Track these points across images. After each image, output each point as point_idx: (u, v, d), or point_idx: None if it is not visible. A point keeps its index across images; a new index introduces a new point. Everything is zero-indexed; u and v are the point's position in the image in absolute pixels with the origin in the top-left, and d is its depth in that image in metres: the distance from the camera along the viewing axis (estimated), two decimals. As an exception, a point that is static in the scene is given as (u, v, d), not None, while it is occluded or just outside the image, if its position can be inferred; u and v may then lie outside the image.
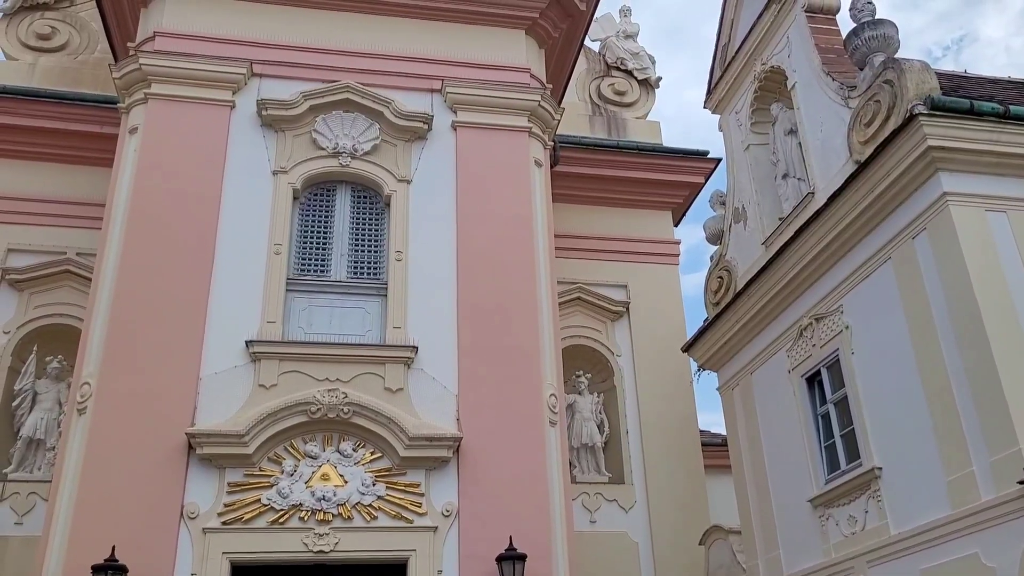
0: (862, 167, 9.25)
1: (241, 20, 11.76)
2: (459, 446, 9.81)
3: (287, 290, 10.43)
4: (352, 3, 12.14)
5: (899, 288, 9.06)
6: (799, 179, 11.15)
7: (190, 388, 9.59)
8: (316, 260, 10.85)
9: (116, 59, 12.58)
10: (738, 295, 11.72)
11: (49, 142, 13.12)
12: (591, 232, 14.66)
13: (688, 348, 13.14)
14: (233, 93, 11.28)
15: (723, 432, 13.57)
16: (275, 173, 11.00)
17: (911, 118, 8.56)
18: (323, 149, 11.22)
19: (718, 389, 12.75)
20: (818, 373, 10.40)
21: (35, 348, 11.87)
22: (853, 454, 9.67)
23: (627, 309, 14.29)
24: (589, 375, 13.54)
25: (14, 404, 11.65)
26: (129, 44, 11.77)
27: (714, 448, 14.87)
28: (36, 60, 14.17)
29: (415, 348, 10.23)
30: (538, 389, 10.38)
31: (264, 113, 11.18)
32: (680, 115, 43.98)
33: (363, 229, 11.17)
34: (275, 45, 11.71)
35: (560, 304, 12.48)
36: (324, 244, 10.96)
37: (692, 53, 51.35)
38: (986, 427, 7.83)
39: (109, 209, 10.57)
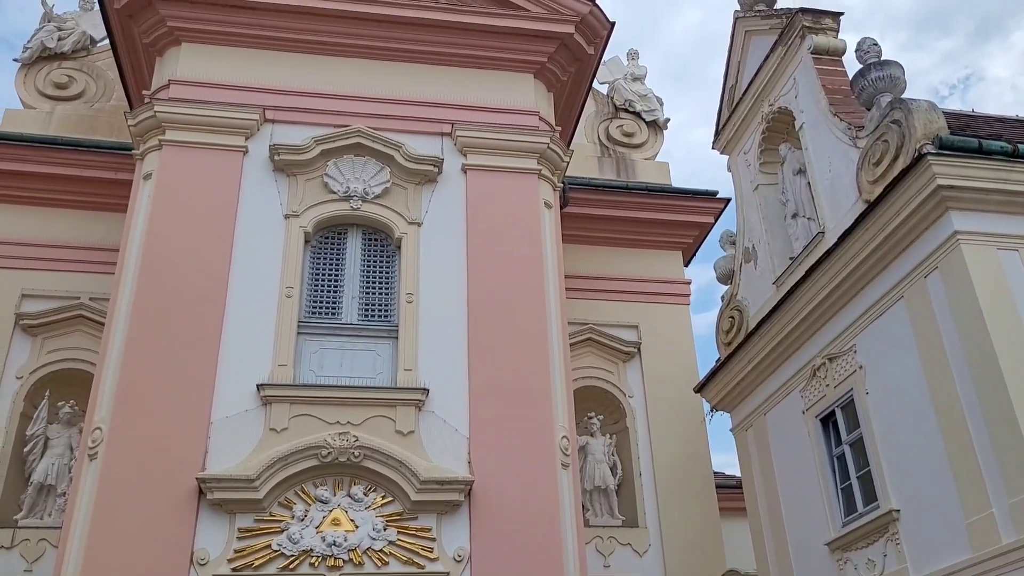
0: (872, 206, 9.26)
1: (254, 67, 11.94)
2: (471, 489, 9.72)
3: (298, 333, 10.43)
4: (363, 49, 12.31)
5: (912, 327, 9.01)
6: (809, 219, 11.17)
7: (201, 432, 9.56)
8: (327, 303, 10.87)
9: (131, 107, 12.79)
10: (750, 335, 11.68)
11: (64, 188, 13.28)
12: (601, 273, 14.66)
13: (700, 389, 13.07)
14: (246, 139, 11.41)
15: (737, 474, 13.43)
16: (287, 217, 11.07)
17: (920, 157, 8.60)
18: (334, 193, 11.30)
19: (731, 430, 12.65)
20: (833, 414, 10.32)
21: (47, 393, 11.89)
22: (870, 496, 9.54)
23: (638, 350, 14.23)
24: (601, 416, 13.45)
25: (25, 450, 11.64)
26: (144, 92, 11.96)
27: (729, 490, 14.71)
28: (53, 108, 14.40)
29: (426, 391, 10.20)
30: (550, 431, 10.30)
31: (276, 158, 11.29)
32: (688, 155, 44.30)
33: (374, 272, 11.20)
34: (287, 91, 11.85)
35: (571, 345, 12.44)
36: (335, 287, 10.99)
37: (699, 94, 51.92)
38: (1004, 468, 7.72)
39: (123, 254, 10.65)
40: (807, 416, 10.70)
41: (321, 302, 10.86)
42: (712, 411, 13.07)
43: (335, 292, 10.96)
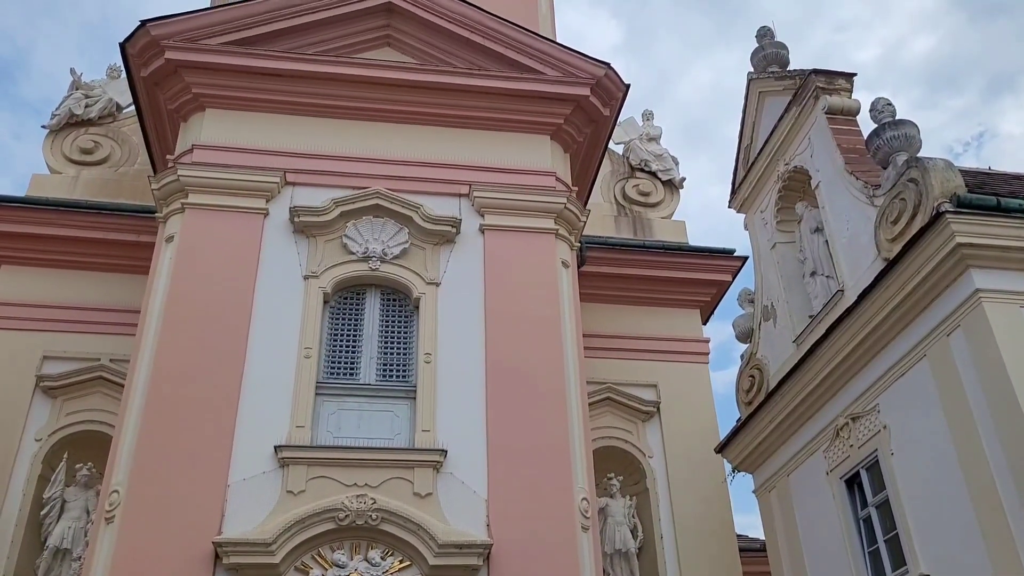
0: (891, 264, 9.22)
1: (276, 131, 12.17)
2: (489, 553, 9.57)
3: (316, 394, 10.43)
4: (382, 113, 12.54)
5: (937, 386, 8.88)
6: (828, 277, 11.13)
7: (218, 495, 9.50)
8: (345, 363, 10.88)
9: (155, 170, 13.04)
10: (771, 394, 11.55)
11: (88, 251, 13.49)
12: (619, 331, 14.61)
13: (721, 449, 12.89)
14: (267, 201, 11.58)
15: (761, 536, 13.15)
16: (306, 278, 11.16)
17: (938, 216, 8.58)
18: (353, 254, 11.40)
19: (754, 492, 12.43)
20: (857, 475, 10.12)
21: (66, 455, 11.87)
22: (898, 560, 9.30)
23: (658, 409, 14.10)
24: (621, 478, 13.24)
25: (42, 513, 11.57)
26: (168, 156, 12.20)
27: (752, 554, 14.36)
28: (78, 173, 14.70)
29: (444, 452, 10.12)
30: (569, 493, 10.17)
31: (296, 220, 11.43)
32: (703, 211, 44.53)
33: (392, 332, 11.23)
34: (308, 154, 12.06)
35: (590, 405, 12.32)
36: (354, 347, 11.01)
37: (712, 151, 52.44)
38: (1037, 531, 7.52)
39: (144, 316, 10.75)
40: (831, 477, 10.51)
41: (339, 362, 10.87)
42: (734, 472, 12.86)
43: (353, 352, 10.98)
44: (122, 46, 12.09)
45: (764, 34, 13.52)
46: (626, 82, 13.11)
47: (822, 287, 11.18)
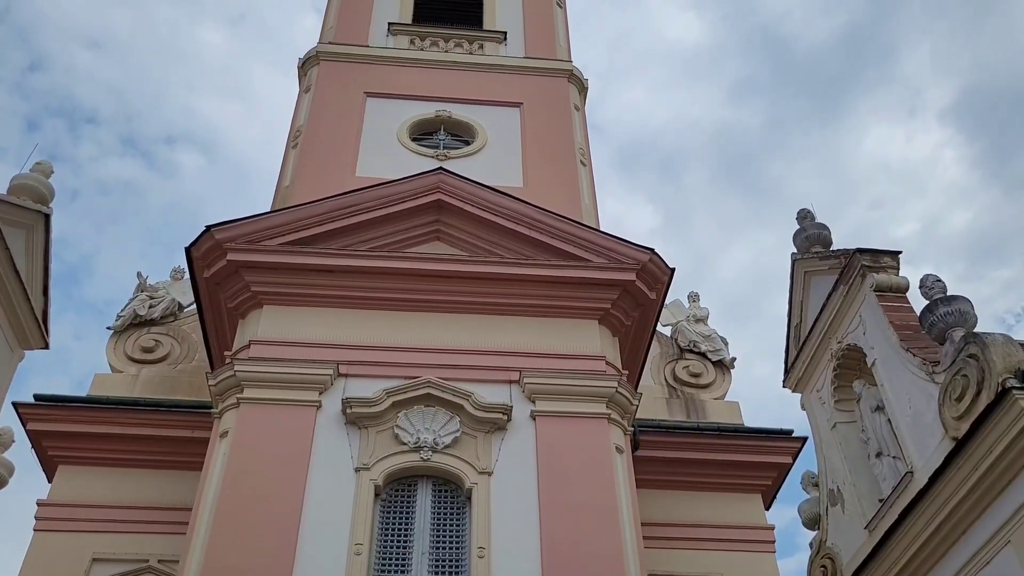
0: (961, 444, 8.88)
1: (329, 324, 12.43)
2: None
3: (367, 593, 10.04)
4: (432, 303, 12.80)
5: (1026, 575, 8.29)
6: (894, 457, 10.73)
7: None
8: (397, 559, 10.52)
9: (213, 367, 13.32)
10: (846, 586, 10.87)
11: (143, 448, 13.61)
12: (678, 519, 14.05)
13: (798, 648, 11.99)
14: (320, 393, 11.66)
15: None
16: (357, 470, 11.02)
17: (1004, 392, 8.35)
18: (405, 444, 11.29)
19: None
20: (950, 676, 9.28)
21: (108, 667, 11.48)
22: None
23: (726, 604, 13.30)
24: None
25: None
26: (226, 353, 12.49)
27: None
28: (139, 371, 15.09)
29: (501, 656, 9.55)
30: None
31: (348, 411, 11.45)
32: (752, 388, 43.81)
33: (444, 525, 10.90)
34: (360, 346, 12.22)
35: (652, 601, 11.69)
36: (405, 542, 10.67)
37: (757, 328, 52.31)
38: None
39: (195, 513, 10.62)
40: (924, 678, 9.65)
41: (390, 559, 10.51)
42: (815, 673, 11.89)
43: (405, 547, 10.63)
44: (187, 250, 12.72)
45: (805, 216, 13.81)
46: (671, 266, 13.32)
47: (889, 468, 10.75)
